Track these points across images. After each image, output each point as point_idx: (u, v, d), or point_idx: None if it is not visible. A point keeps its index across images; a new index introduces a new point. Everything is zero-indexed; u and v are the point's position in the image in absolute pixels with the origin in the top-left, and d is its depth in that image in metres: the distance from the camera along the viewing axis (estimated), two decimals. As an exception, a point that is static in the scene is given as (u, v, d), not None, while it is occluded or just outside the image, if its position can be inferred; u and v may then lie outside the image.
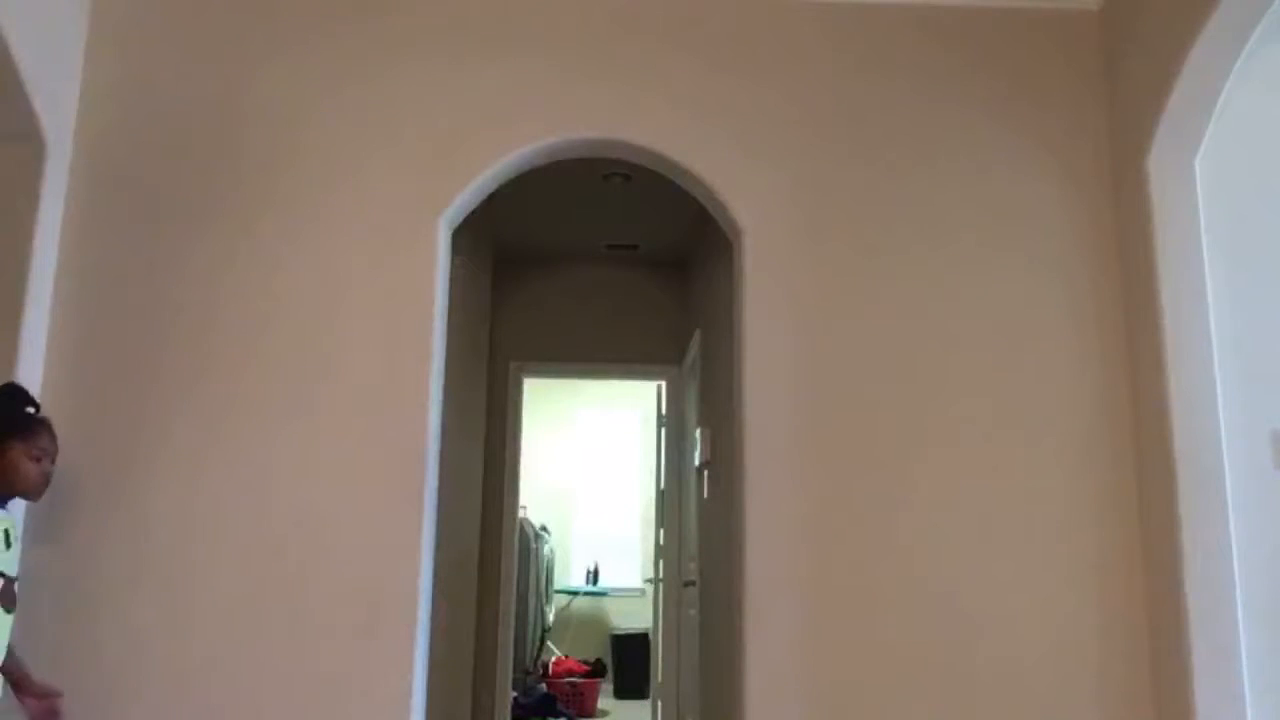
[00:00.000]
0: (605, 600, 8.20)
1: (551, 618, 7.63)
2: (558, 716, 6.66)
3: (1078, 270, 2.96)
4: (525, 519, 6.87)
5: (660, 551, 5.75)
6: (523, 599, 6.85)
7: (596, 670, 7.32)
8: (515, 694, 6.26)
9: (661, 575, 5.73)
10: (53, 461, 2.34)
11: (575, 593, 8.15)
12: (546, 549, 7.50)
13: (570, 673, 7.12)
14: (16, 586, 2.26)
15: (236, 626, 2.63)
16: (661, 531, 5.74)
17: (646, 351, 5.83)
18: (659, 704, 5.74)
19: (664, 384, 5.84)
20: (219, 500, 2.69)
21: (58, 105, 2.77)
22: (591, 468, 8.53)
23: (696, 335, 5.07)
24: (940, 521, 2.80)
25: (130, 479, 2.69)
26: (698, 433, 4.76)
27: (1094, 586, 2.78)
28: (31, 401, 2.37)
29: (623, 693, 7.40)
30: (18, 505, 2.40)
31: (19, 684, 2.34)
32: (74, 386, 2.73)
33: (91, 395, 2.73)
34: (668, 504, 5.65)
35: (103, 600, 2.62)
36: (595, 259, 5.91)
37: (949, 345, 2.90)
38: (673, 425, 5.72)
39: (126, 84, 2.91)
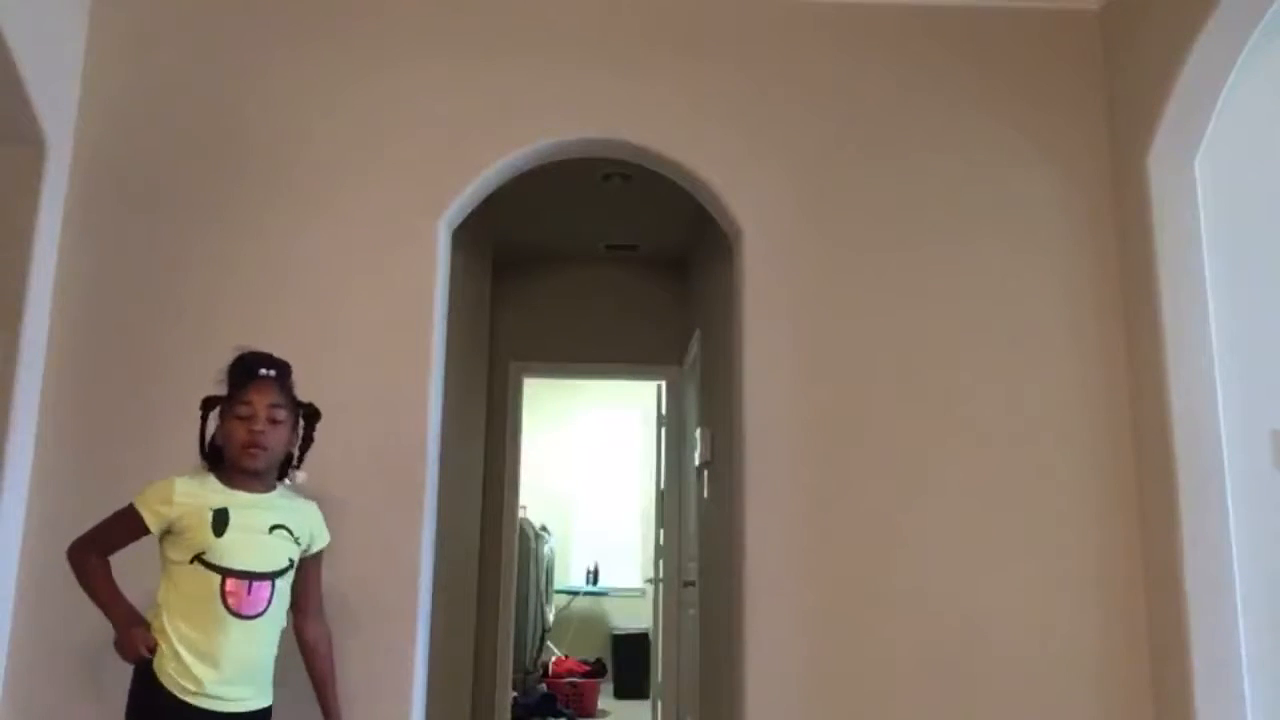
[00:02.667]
0: (605, 600, 8.20)
1: (551, 618, 7.62)
2: (558, 716, 6.66)
3: (1078, 270, 2.96)
4: (525, 519, 6.86)
5: (660, 551, 5.75)
6: (523, 599, 6.83)
7: (596, 670, 7.31)
8: (515, 694, 6.26)
9: (661, 575, 5.72)
10: (272, 422, 2.13)
11: (575, 593, 8.15)
12: (546, 549, 7.49)
13: (570, 673, 7.12)
14: (270, 588, 2.11)
15: None
16: (661, 531, 5.74)
17: (646, 351, 5.83)
18: (659, 704, 5.74)
19: (664, 384, 5.84)
20: (219, 500, 2.68)
21: (58, 105, 2.77)
22: (591, 468, 8.52)
23: (696, 335, 5.07)
24: (940, 521, 2.80)
25: (131, 480, 2.69)
26: (698, 433, 4.76)
27: (1094, 586, 2.78)
28: (262, 363, 2.20)
29: (623, 693, 7.39)
30: (297, 497, 2.29)
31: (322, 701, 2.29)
32: (74, 387, 2.73)
33: (91, 396, 2.73)
34: (668, 504, 5.64)
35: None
36: (595, 259, 5.91)
37: (949, 345, 2.90)
38: (673, 425, 5.72)
39: (127, 85, 2.91)
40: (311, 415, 2.28)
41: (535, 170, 3.14)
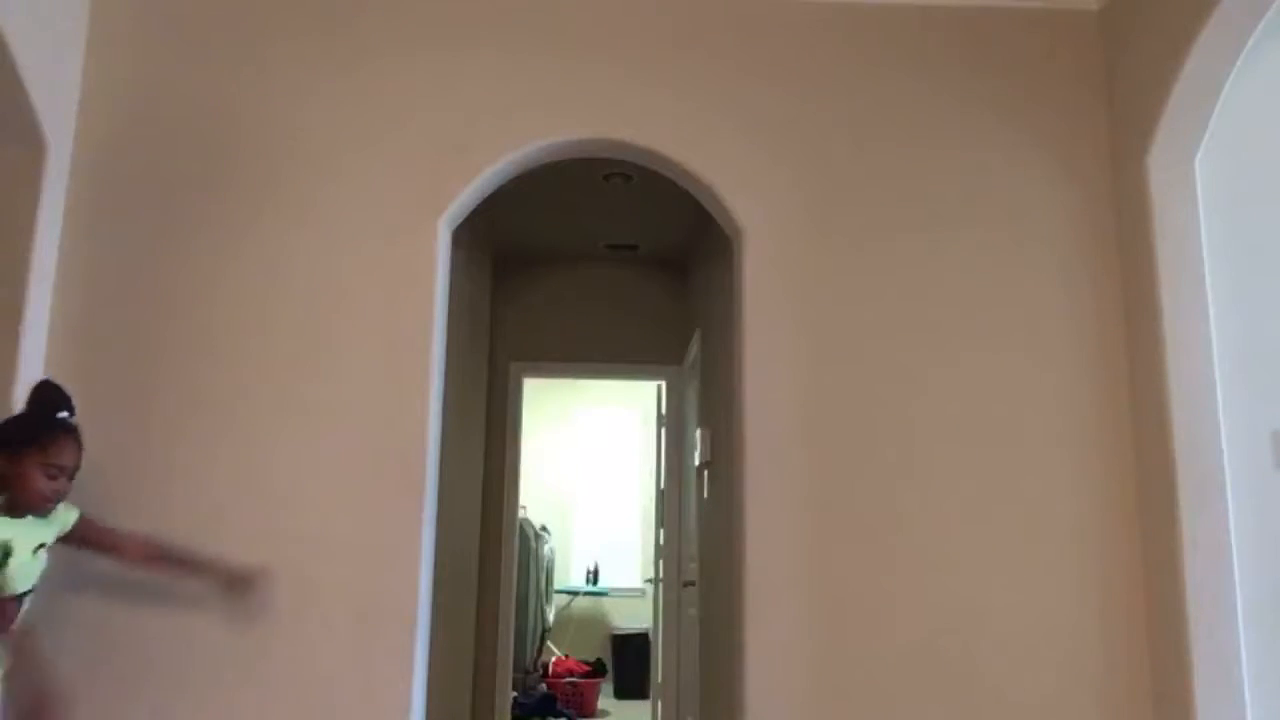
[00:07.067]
0: (605, 600, 8.20)
1: (551, 618, 7.63)
2: (558, 716, 6.66)
3: (1078, 270, 2.96)
4: (525, 519, 6.86)
5: (660, 551, 5.75)
6: (523, 599, 6.84)
7: (596, 670, 7.32)
8: (515, 694, 6.26)
9: (661, 575, 5.73)
10: (70, 478, 2.19)
11: (575, 593, 8.15)
12: (546, 549, 7.50)
13: (570, 673, 7.12)
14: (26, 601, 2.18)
15: (236, 626, 2.62)
16: (661, 531, 5.74)
17: (646, 351, 5.83)
18: (659, 704, 5.74)
19: (664, 384, 5.84)
20: (219, 500, 2.69)
21: (58, 105, 2.77)
22: (591, 468, 8.53)
23: (696, 335, 5.07)
24: (939, 522, 2.80)
25: (130, 479, 2.69)
26: (698, 433, 4.76)
27: (1094, 586, 2.78)
28: (65, 405, 2.24)
29: (623, 693, 7.40)
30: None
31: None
32: (74, 387, 2.72)
33: (91, 396, 2.73)
34: (668, 504, 5.64)
35: (102, 599, 2.62)
36: (595, 259, 5.91)
37: (949, 345, 2.90)
38: (673, 425, 5.72)
39: (126, 83, 2.91)
40: None
41: (535, 170, 3.14)
